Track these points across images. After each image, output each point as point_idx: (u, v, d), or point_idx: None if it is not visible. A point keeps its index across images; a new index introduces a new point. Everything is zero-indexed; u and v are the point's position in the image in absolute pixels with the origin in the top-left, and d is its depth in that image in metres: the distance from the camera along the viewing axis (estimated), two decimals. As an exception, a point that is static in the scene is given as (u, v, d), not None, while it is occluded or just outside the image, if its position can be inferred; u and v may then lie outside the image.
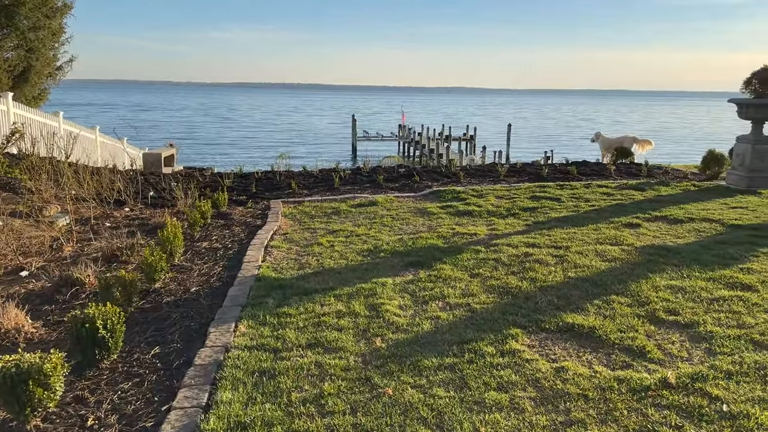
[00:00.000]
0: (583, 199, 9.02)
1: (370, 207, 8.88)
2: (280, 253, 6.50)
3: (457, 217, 8.06)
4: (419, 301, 4.82)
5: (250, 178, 12.15)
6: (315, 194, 10.25)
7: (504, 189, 10.02)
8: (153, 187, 10.87)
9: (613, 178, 11.32)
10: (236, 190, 10.62)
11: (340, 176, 11.51)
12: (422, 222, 7.83)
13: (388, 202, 9.20)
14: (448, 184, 10.73)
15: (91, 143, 18.36)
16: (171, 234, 6.16)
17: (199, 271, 5.98)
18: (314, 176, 12.15)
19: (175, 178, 12.55)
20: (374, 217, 8.21)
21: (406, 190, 10.38)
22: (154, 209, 9.20)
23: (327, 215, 8.48)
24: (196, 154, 41.19)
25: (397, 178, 11.44)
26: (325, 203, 9.32)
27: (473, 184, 10.71)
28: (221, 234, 7.51)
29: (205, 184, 11.38)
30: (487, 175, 11.67)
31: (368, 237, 7.05)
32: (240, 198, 9.82)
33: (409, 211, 8.57)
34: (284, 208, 9.07)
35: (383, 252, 6.32)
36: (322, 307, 4.73)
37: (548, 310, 4.53)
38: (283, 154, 19.98)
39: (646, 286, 5.01)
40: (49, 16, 15.40)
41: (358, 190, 10.45)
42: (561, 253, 6.04)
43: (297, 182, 11.23)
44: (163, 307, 5.02)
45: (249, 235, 7.42)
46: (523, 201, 8.91)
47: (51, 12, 15.71)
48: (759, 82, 9.69)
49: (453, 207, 8.61)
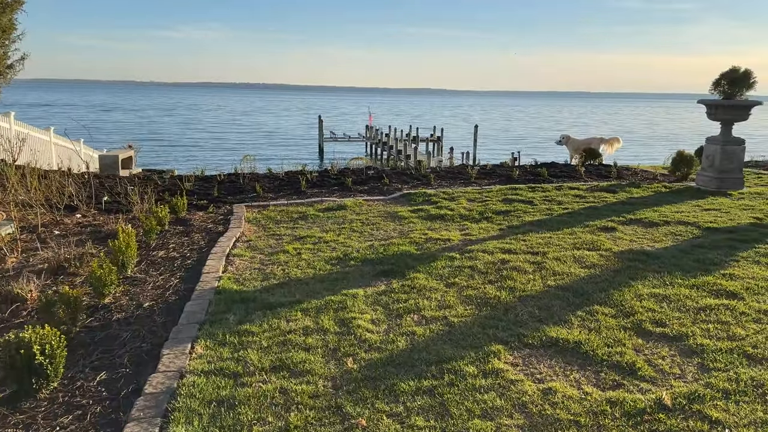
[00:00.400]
0: (555, 202, 8.84)
1: (339, 211, 8.53)
2: (242, 262, 6.10)
3: (429, 221, 7.77)
4: (393, 315, 4.49)
5: (212, 181, 11.65)
6: (281, 198, 9.84)
7: (475, 192, 9.78)
8: (108, 192, 10.30)
9: (583, 180, 11.20)
10: (197, 194, 10.14)
11: (307, 179, 11.11)
12: (393, 227, 7.51)
13: (358, 206, 8.86)
14: (418, 187, 10.45)
15: (44, 145, 17.52)
16: (123, 244, 5.70)
17: (154, 284, 5.53)
18: (280, 179, 11.72)
19: (132, 181, 11.97)
20: (343, 222, 7.86)
21: (376, 193, 10.06)
22: (109, 215, 8.66)
23: (293, 220, 8.09)
24: (158, 156, 40.10)
25: (366, 181, 11.10)
26: (291, 207, 8.93)
27: (444, 187, 10.45)
28: (179, 242, 7.06)
29: (163, 187, 10.85)
30: (458, 178, 11.43)
31: (337, 244, 6.70)
32: (201, 202, 9.34)
33: (379, 215, 8.25)
34: (248, 212, 8.64)
35: (353, 260, 5.97)
36: (288, 323, 4.36)
37: (530, 322, 4.26)
38: (247, 156, 19.46)
39: (629, 294, 4.79)
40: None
41: (326, 194, 10.08)
42: (539, 259, 5.79)
43: (262, 185, 10.79)
44: (112, 325, 4.58)
45: (209, 242, 6.99)
46: (495, 204, 8.68)
47: (0, 7, 14.89)
48: (728, 83, 9.67)
49: (424, 211, 8.32)
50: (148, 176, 12.91)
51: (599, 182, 10.79)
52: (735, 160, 9.87)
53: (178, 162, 37.46)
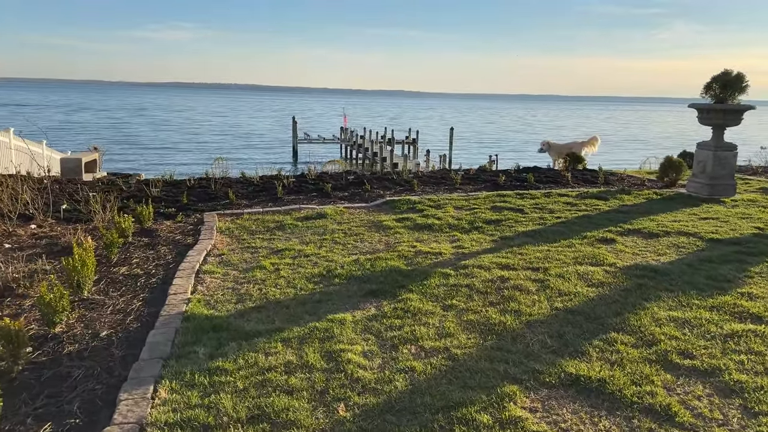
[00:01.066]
0: (547, 210, 8.41)
1: (319, 220, 7.97)
2: (214, 280, 5.50)
3: (417, 231, 7.26)
4: (387, 346, 3.96)
5: (182, 187, 10.97)
6: (256, 205, 9.23)
7: (462, 198, 9.31)
8: (68, 198, 9.56)
9: (571, 186, 10.83)
10: (165, 201, 9.46)
11: (284, 184, 10.52)
12: (378, 238, 6.98)
13: (339, 215, 8.31)
14: (401, 193, 9.94)
15: (2, 147, 16.54)
16: (78, 262, 5.06)
17: (114, 308, 4.90)
18: (254, 184, 11.10)
19: (95, 186, 11.22)
20: (324, 232, 7.30)
21: (357, 200, 9.51)
22: (68, 225, 7.96)
23: (270, 230, 7.51)
24: (125, 159, 38.89)
25: (346, 186, 10.55)
26: (267, 216, 8.33)
27: (428, 193, 9.95)
28: (144, 256, 6.41)
29: (128, 193, 10.14)
30: (442, 183, 10.95)
31: (319, 258, 6.14)
32: (168, 210, 8.68)
33: (362, 224, 7.71)
34: (220, 222, 8.02)
35: (338, 277, 5.42)
36: (268, 357, 3.80)
37: (543, 354, 3.77)
38: (219, 158, 18.78)
39: (646, 318, 4.34)
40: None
41: (304, 200, 9.50)
42: (540, 276, 5.32)
43: (235, 191, 10.16)
44: (63, 360, 3.96)
45: (177, 256, 6.37)
46: (484, 212, 8.21)
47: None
48: (720, 86, 9.39)
49: (410, 220, 7.80)
50: (112, 181, 12.16)
51: (588, 188, 10.42)
52: (727, 166, 9.58)
53: (146, 165, 36.32)
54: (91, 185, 11.44)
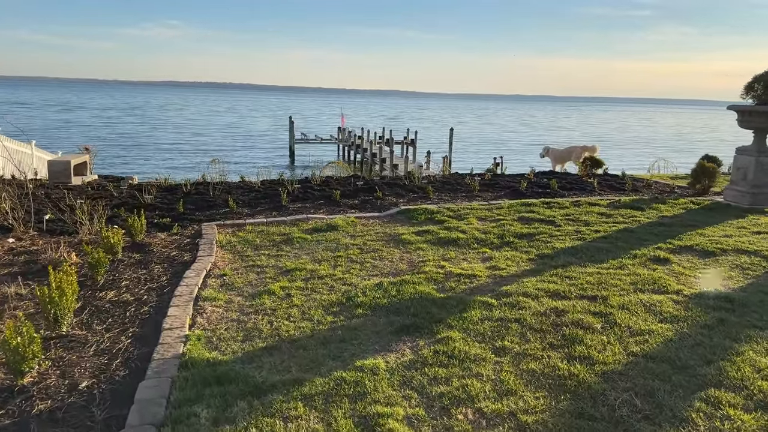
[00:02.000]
0: (581, 222, 7.63)
1: (330, 233, 7.18)
2: (216, 309, 4.70)
3: (441, 247, 6.48)
4: (436, 408, 3.18)
5: (177, 192, 10.16)
6: (258, 214, 8.43)
7: (483, 208, 8.53)
8: (54, 206, 8.73)
9: (597, 193, 10.07)
10: (159, 210, 8.65)
11: (288, 191, 9.71)
12: (399, 255, 6.20)
13: (351, 226, 7.52)
14: (416, 201, 9.15)
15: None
16: (56, 291, 4.26)
17: (98, 347, 4.10)
18: (256, 190, 10.29)
19: (85, 192, 10.40)
20: (337, 247, 6.52)
21: (369, 209, 8.73)
22: (51, 237, 7.15)
23: (276, 245, 6.71)
24: (118, 160, 37.91)
25: (355, 193, 9.76)
26: (272, 227, 7.54)
27: (445, 201, 9.17)
28: (135, 277, 5.61)
29: (120, 201, 9.31)
30: (458, 190, 10.17)
31: (335, 280, 5.35)
32: (163, 221, 7.87)
33: (378, 238, 6.92)
34: (220, 234, 7.22)
35: (360, 307, 4.64)
36: (287, 424, 3.01)
37: (636, 423, 2.99)
38: (216, 159, 17.99)
39: (746, 368, 3.58)
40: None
41: (311, 209, 8.70)
42: (601, 308, 4.54)
43: (235, 198, 9.36)
44: (31, 423, 3.16)
45: (173, 277, 5.57)
46: (512, 224, 7.44)
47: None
48: (763, 86, 8.65)
49: (432, 233, 7.02)
50: (103, 186, 11.33)
51: (617, 196, 9.66)
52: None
53: (140, 167, 35.38)
54: (80, 191, 10.62)
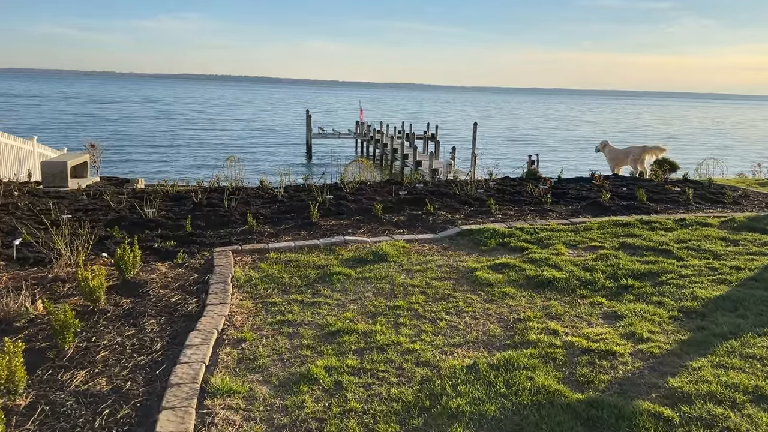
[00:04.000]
0: (707, 253, 5.82)
1: (379, 265, 5.51)
2: (231, 417, 3.05)
3: (535, 293, 4.78)
4: None
5: (187, 203, 8.55)
6: (284, 234, 6.79)
7: (567, 229, 6.79)
8: (35, 222, 7.15)
9: (692, 206, 8.26)
10: (162, 227, 7.05)
11: (318, 202, 8.05)
12: (482, 306, 4.51)
13: (403, 255, 5.85)
14: (476, 217, 7.45)
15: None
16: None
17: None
18: (279, 200, 8.66)
19: (78, 201, 8.81)
20: (392, 290, 4.85)
21: (420, 228, 7.04)
22: (20, 269, 5.56)
23: (310, 284, 5.07)
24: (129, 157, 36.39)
25: (399, 206, 8.07)
26: (303, 255, 5.89)
27: (513, 218, 7.45)
28: (118, 344, 3.98)
29: (116, 215, 7.70)
30: (522, 201, 8.44)
31: (402, 355, 3.69)
32: (166, 245, 6.25)
33: (444, 275, 5.25)
34: (237, 265, 5.60)
35: (456, 420, 2.96)
36: None
37: None
38: (232, 157, 16.53)
39: None
40: None
41: (348, 228, 7.04)
42: None
43: (255, 211, 7.75)
44: None
45: (172, 343, 3.95)
46: (618, 256, 5.67)
47: None
48: None
49: (514, 268, 5.32)
50: (101, 192, 9.74)
51: (721, 211, 7.86)
52: None
53: (151, 164, 33.84)
54: (73, 200, 9.04)
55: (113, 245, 6.30)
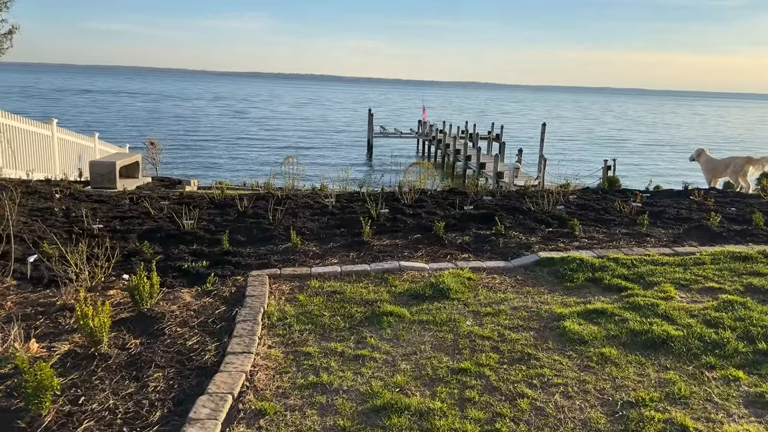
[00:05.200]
0: None
1: (439, 304, 4.53)
2: None
3: (645, 357, 3.66)
4: None
5: (230, 212, 7.83)
6: (331, 255, 5.89)
7: (672, 261, 5.54)
8: (65, 231, 6.55)
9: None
10: (198, 241, 6.30)
11: (371, 216, 7.12)
12: (576, 376, 3.44)
13: (469, 290, 4.83)
14: (556, 240, 6.31)
15: (44, 141, 14.13)
16: None
17: None
18: (329, 212, 7.79)
19: (118, 207, 8.24)
20: (456, 343, 3.86)
21: (488, 252, 5.99)
22: (33, 291, 4.90)
23: (354, 327, 4.14)
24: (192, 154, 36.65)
25: (463, 222, 7.03)
26: (349, 285, 4.97)
27: (601, 243, 6.25)
28: (111, 406, 3.17)
29: (153, 225, 7.02)
30: (607, 220, 7.22)
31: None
32: (197, 266, 5.46)
33: (522, 322, 4.20)
34: (272, 298, 4.73)
35: None
36: None
37: None
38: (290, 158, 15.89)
39: None
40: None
41: (404, 249, 6.06)
42: None
43: (302, 224, 6.92)
44: None
45: (172, 412, 3.12)
46: (746, 304, 4.40)
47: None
48: None
49: (612, 317, 4.21)
50: (146, 197, 9.16)
51: None
52: None
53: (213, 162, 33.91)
54: (113, 204, 8.49)
55: (140, 263, 5.59)
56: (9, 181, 9.79)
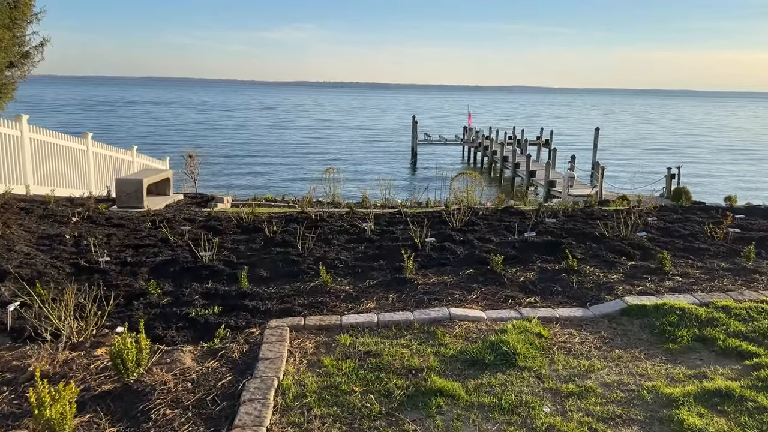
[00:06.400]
0: None
1: (503, 375, 3.48)
2: None
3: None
4: None
5: (258, 237, 6.96)
6: (367, 295, 4.91)
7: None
8: (71, 265, 5.77)
9: None
10: (215, 277, 5.44)
11: (415, 245, 6.10)
12: None
13: (542, 353, 3.76)
14: (643, 279, 5.14)
15: (79, 156, 13.71)
16: None
17: None
18: (366, 238, 6.82)
19: (138, 231, 7.46)
20: (533, 448, 2.80)
21: (558, 294, 4.88)
22: (9, 350, 4.09)
23: (392, 414, 3.14)
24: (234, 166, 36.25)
25: (524, 252, 5.92)
26: (387, 343, 3.97)
27: (700, 282, 5.05)
28: None
29: (168, 256, 6.19)
30: (697, 250, 5.98)
31: None
32: (207, 313, 4.56)
33: (621, 411, 3.10)
34: (292, 361, 3.77)
35: None
36: None
37: None
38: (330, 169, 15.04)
39: None
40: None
41: (455, 289, 5.01)
42: None
43: (335, 254, 5.98)
44: None
45: None
46: None
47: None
48: None
49: (742, 403, 3.08)
50: (166, 220, 8.38)
51: None
52: None
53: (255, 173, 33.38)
54: (133, 228, 7.74)
55: (142, 308, 4.74)
56: (30, 201, 9.22)
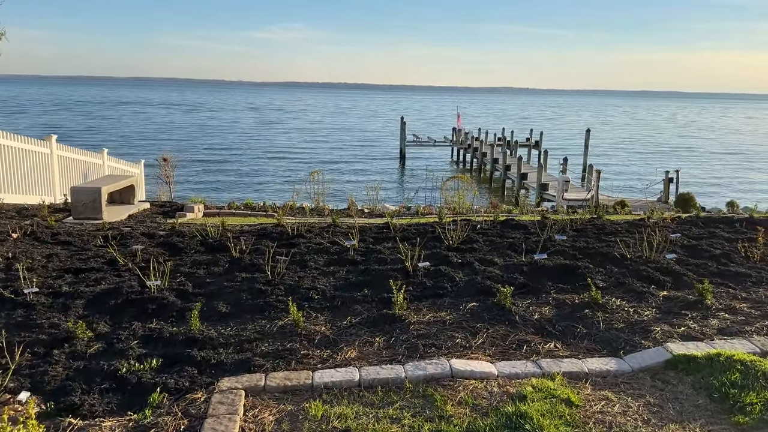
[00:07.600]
0: None
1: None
2: None
3: None
4: None
5: (223, 257, 5.96)
6: (347, 339, 3.96)
7: None
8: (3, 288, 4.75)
9: None
10: (162, 313, 4.47)
11: (407, 272, 5.15)
12: None
13: (574, 429, 2.82)
14: (680, 316, 4.22)
15: (42, 160, 12.59)
16: None
17: None
18: (348, 259, 5.85)
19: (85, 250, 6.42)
20: None
21: (582, 337, 3.94)
22: None
23: None
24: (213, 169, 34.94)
25: (535, 279, 4.98)
26: (368, 412, 3.04)
27: (748, 319, 4.15)
28: None
29: (113, 284, 5.17)
30: (735, 275, 5.07)
31: None
32: (143, 368, 3.58)
33: None
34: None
35: None
36: None
37: None
38: (315, 172, 14.25)
39: None
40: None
41: (455, 330, 4.06)
42: None
43: (310, 281, 5.03)
44: None
45: None
46: None
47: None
48: None
49: None
50: (124, 235, 7.35)
51: None
52: None
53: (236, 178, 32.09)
54: (81, 247, 6.70)
55: (63, 360, 3.75)
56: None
